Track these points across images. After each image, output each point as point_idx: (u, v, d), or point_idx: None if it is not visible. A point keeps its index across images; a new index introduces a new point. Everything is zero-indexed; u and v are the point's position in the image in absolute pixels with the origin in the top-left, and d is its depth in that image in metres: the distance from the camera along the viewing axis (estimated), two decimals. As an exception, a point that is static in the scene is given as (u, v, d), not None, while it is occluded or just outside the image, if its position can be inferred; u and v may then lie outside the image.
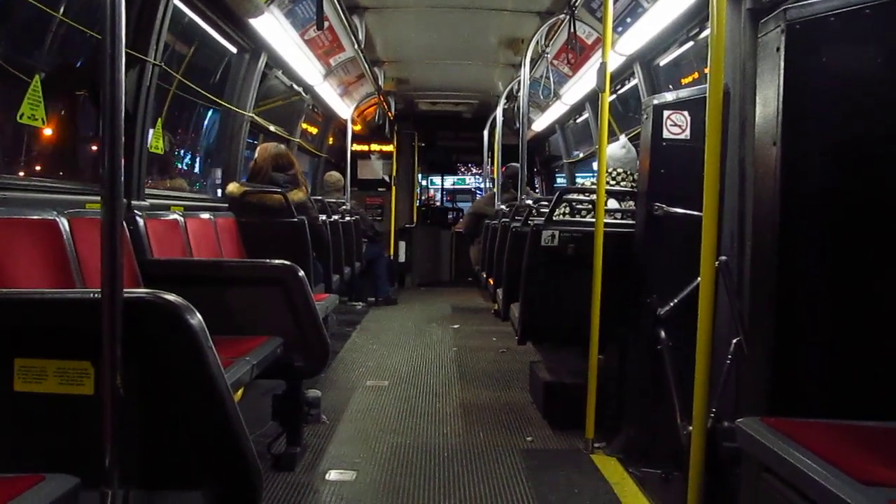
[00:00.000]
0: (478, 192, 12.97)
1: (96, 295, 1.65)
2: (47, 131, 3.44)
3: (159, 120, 4.23)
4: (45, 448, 1.79)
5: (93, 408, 1.66)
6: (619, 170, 4.29)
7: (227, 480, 1.84)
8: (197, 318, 1.79)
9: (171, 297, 1.78)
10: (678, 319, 2.96)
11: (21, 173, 3.33)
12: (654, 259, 3.28)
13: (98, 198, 2.77)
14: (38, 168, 3.53)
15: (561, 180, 10.69)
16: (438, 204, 13.58)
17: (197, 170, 5.96)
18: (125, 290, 1.67)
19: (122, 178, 1.72)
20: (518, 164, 5.72)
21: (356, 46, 6.21)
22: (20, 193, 2.83)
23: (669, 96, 3.29)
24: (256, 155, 5.28)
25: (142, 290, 1.80)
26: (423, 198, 12.74)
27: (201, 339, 1.78)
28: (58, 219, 2.65)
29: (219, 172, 5.74)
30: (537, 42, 5.70)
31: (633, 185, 4.13)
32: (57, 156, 3.64)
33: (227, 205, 5.03)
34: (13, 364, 1.74)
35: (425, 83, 9.65)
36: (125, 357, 1.65)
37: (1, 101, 3.12)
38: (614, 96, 6.46)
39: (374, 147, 11.25)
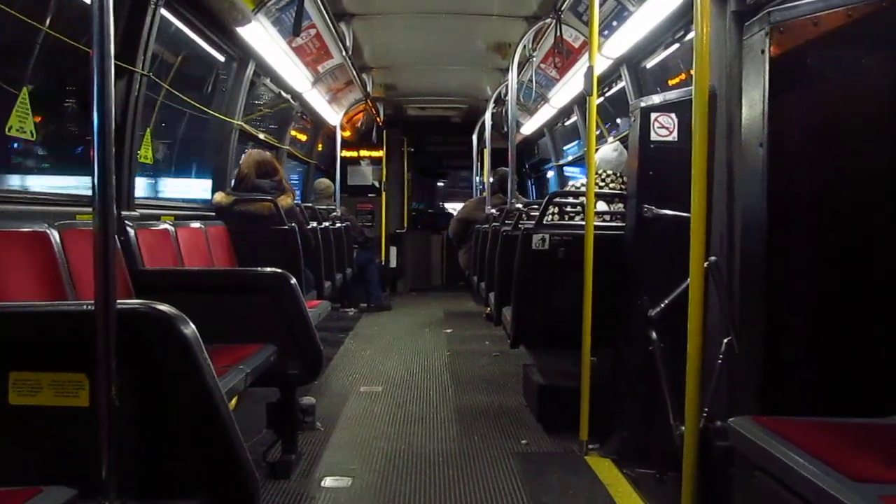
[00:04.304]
0: None
1: (90, 307, 1.65)
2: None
3: (148, 129, 4.22)
4: (41, 461, 1.79)
5: (88, 419, 1.66)
6: (608, 171, 4.32)
7: (225, 489, 1.84)
8: (191, 328, 1.79)
9: (164, 307, 1.78)
10: (669, 320, 2.97)
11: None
12: (645, 261, 3.30)
13: (88, 209, 2.78)
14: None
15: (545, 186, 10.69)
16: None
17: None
18: (118, 301, 1.67)
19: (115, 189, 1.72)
20: (508, 168, 5.74)
21: (344, 53, 6.22)
22: (10, 206, 2.82)
23: (657, 98, 3.31)
24: (241, 162, 5.28)
25: (135, 301, 1.80)
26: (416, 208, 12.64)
27: (195, 348, 1.78)
28: (48, 230, 2.64)
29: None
30: (524, 46, 5.72)
31: (623, 186, 4.16)
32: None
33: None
34: (8, 377, 1.73)
35: (414, 88, 9.66)
36: (119, 368, 1.65)
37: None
38: (602, 98, 6.49)
39: (364, 153, 11.26)
